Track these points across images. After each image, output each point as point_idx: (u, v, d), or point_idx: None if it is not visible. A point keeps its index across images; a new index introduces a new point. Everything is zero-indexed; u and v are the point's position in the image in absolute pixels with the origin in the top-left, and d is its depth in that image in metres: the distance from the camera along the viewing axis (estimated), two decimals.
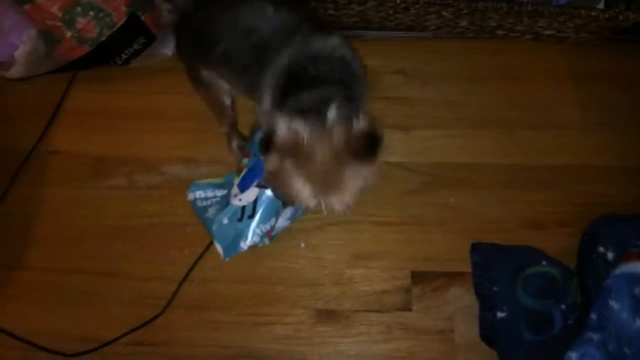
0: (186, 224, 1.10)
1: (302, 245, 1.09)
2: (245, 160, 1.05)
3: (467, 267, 1.05)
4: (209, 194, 1.08)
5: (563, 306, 0.98)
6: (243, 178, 1.02)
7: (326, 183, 0.80)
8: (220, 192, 1.08)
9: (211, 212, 1.05)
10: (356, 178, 0.80)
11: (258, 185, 1.00)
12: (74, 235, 1.11)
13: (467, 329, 1.01)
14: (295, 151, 0.79)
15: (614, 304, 0.91)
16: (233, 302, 1.04)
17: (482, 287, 1.03)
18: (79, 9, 1.06)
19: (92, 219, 1.12)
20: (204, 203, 1.07)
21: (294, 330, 1.03)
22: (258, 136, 1.02)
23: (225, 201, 1.04)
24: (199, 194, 1.09)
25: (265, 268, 1.07)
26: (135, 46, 1.15)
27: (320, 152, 0.79)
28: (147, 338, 1.02)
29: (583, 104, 1.18)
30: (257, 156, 1.02)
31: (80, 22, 1.07)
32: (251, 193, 1.01)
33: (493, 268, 1.04)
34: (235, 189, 1.02)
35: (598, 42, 1.19)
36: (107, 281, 1.06)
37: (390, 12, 1.12)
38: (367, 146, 0.79)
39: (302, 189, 0.81)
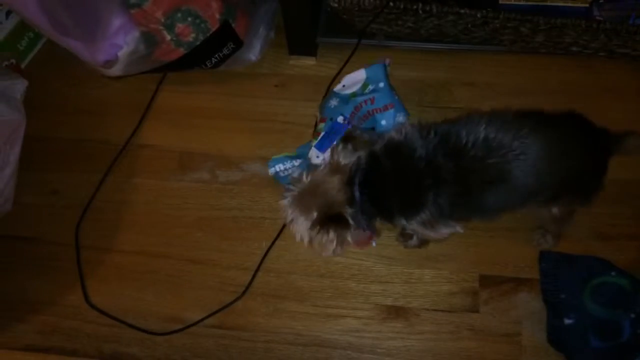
0: (264, 218, 1.17)
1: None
2: (322, 125, 1.12)
3: (534, 274, 1.08)
4: (288, 165, 1.16)
5: (632, 315, 1.00)
6: (321, 140, 1.10)
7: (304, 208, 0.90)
8: (297, 162, 1.15)
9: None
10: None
11: None
12: (160, 222, 1.19)
13: (535, 333, 1.03)
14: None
15: None
16: (307, 294, 1.10)
17: (550, 294, 1.05)
18: (179, 14, 1.16)
19: (178, 209, 1.20)
20: (286, 173, 1.15)
21: (363, 324, 1.07)
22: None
23: (304, 165, 1.11)
24: (279, 167, 1.16)
25: (338, 264, 1.13)
26: (225, 51, 1.23)
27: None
28: (227, 322, 1.08)
29: None
30: (333, 120, 1.10)
31: (179, 27, 1.16)
32: None
33: (561, 276, 1.06)
34: (314, 151, 1.09)
35: None
36: (191, 267, 1.14)
37: (468, 25, 1.17)
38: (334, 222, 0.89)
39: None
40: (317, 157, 1.11)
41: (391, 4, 1.13)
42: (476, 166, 0.85)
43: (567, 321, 1.03)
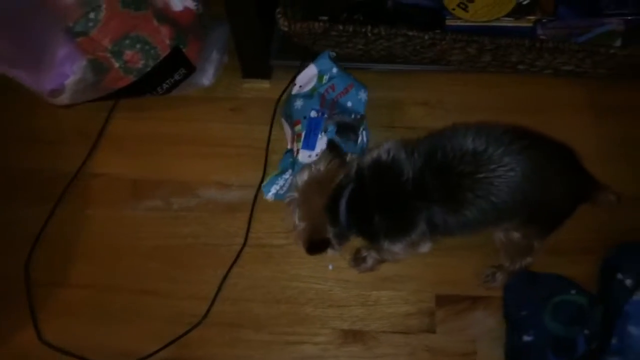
0: (219, 245, 1.16)
1: (330, 267, 1.13)
2: (298, 127, 1.12)
3: (489, 292, 1.09)
4: (281, 182, 1.15)
5: (587, 332, 1.01)
6: (305, 139, 1.10)
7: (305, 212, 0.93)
8: (287, 175, 1.14)
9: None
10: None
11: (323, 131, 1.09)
12: (113, 254, 1.16)
13: (490, 352, 1.04)
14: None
15: (632, 330, 0.94)
16: (264, 322, 1.09)
17: (511, 311, 1.06)
18: (127, 41, 1.14)
19: (132, 239, 1.18)
20: (284, 189, 1.14)
21: (322, 350, 1.07)
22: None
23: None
24: (275, 188, 1.15)
25: (295, 289, 1.12)
26: (176, 77, 1.22)
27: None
28: (184, 354, 1.06)
29: (600, 136, 1.23)
30: (307, 117, 1.11)
31: (128, 54, 1.15)
32: (322, 142, 1.09)
33: (523, 293, 1.07)
34: (303, 153, 1.09)
35: (615, 78, 1.24)
36: (144, 299, 1.12)
37: (417, 47, 1.18)
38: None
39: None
40: (309, 156, 1.10)
41: (340, 27, 1.14)
42: (465, 182, 0.86)
43: (526, 338, 1.03)
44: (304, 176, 0.95)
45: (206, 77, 1.29)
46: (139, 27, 1.15)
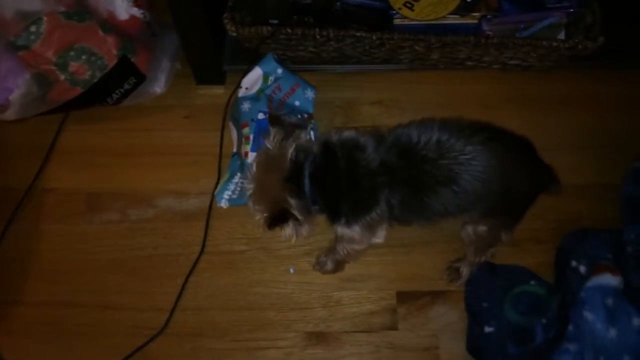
0: (179, 254, 1.15)
1: (292, 270, 1.13)
2: (246, 129, 1.12)
3: (449, 286, 1.11)
4: (232, 187, 1.15)
5: (544, 320, 1.03)
6: (254, 142, 1.10)
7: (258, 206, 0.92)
8: (236, 179, 1.15)
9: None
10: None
11: None
12: (70, 269, 1.14)
13: (452, 344, 1.06)
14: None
15: (588, 315, 0.96)
16: (226, 329, 1.08)
17: (472, 303, 1.08)
18: (72, 53, 1.12)
19: (88, 253, 1.16)
20: (236, 193, 1.15)
21: (286, 354, 1.06)
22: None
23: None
24: (227, 194, 1.15)
25: (256, 294, 1.11)
26: (126, 86, 1.21)
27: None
28: None
29: (550, 127, 1.26)
30: (255, 120, 1.11)
31: (73, 65, 1.13)
32: None
33: (484, 285, 1.09)
34: (252, 156, 1.09)
35: (561, 69, 1.27)
36: (103, 313, 1.10)
37: (367, 47, 1.19)
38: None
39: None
40: None
41: (289, 30, 1.14)
42: (427, 166, 0.88)
43: (487, 329, 1.05)
44: (255, 160, 0.95)
45: (158, 85, 1.28)
46: (83, 38, 1.13)
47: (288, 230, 0.92)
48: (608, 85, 1.30)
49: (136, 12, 1.18)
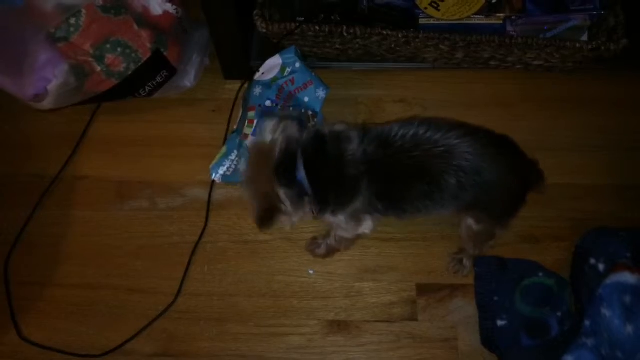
0: (206, 242, 1.18)
1: (311, 272, 1.16)
2: (252, 113, 1.16)
3: (467, 280, 1.13)
4: (227, 163, 1.18)
5: (559, 313, 1.05)
6: (256, 127, 1.14)
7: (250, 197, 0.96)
8: (234, 156, 1.18)
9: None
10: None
11: None
12: (100, 254, 1.18)
13: (470, 337, 1.08)
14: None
15: (605, 312, 0.98)
16: (250, 315, 1.11)
17: (484, 297, 1.10)
18: (108, 45, 1.16)
19: (117, 239, 1.19)
20: (231, 171, 1.18)
21: (307, 340, 1.09)
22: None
23: (244, 155, 1.15)
24: (222, 170, 1.18)
25: (280, 283, 1.15)
26: (158, 79, 1.25)
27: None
28: (171, 349, 1.08)
29: (570, 127, 1.28)
30: (262, 106, 1.16)
31: (109, 57, 1.17)
32: None
33: (494, 280, 1.11)
34: (251, 140, 1.13)
35: (583, 71, 1.29)
36: (131, 296, 1.13)
37: (392, 45, 1.22)
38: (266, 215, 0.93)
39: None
40: None
41: (317, 27, 1.17)
42: (401, 157, 0.90)
43: (499, 322, 1.07)
44: (248, 156, 0.99)
45: (188, 80, 1.31)
46: (119, 32, 1.17)
47: (281, 222, 0.94)
48: (629, 87, 1.31)
49: (169, 7, 1.22)
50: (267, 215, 0.92)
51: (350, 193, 0.94)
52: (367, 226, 1.00)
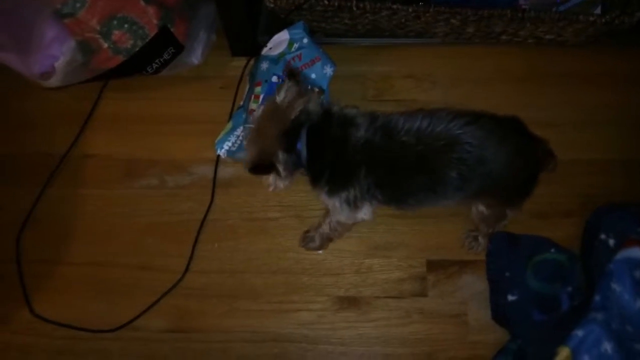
0: (216, 220, 1.18)
1: (320, 251, 1.16)
2: (258, 88, 1.16)
3: (476, 256, 1.13)
4: (233, 138, 1.18)
5: (569, 288, 1.06)
6: (262, 102, 1.13)
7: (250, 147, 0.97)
8: (239, 131, 1.17)
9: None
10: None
11: None
12: (109, 232, 1.19)
13: (480, 312, 1.08)
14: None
15: (616, 287, 0.98)
16: (261, 292, 1.12)
17: (495, 273, 1.10)
18: (115, 22, 1.15)
19: (126, 217, 1.20)
20: (236, 146, 1.17)
21: (318, 316, 1.10)
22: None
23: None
24: (227, 144, 1.18)
25: (289, 259, 1.15)
26: (165, 56, 1.23)
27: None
28: (182, 325, 1.09)
29: (581, 102, 1.26)
30: (268, 82, 1.15)
31: (116, 34, 1.16)
32: None
33: (505, 255, 1.11)
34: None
35: (594, 45, 1.27)
36: (141, 273, 1.14)
37: (402, 20, 1.20)
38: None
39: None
40: None
41: (326, 1, 1.15)
42: (403, 151, 0.91)
43: (510, 298, 1.08)
44: (262, 106, 0.99)
45: (195, 56, 1.30)
46: (126, 8, 1.16)
47: (269, 179, 0.98)
48: None
49: None
50: (261, 167, 0.94)
51: (346, 177, 0.94)
52: (365, 212, 1.00)
